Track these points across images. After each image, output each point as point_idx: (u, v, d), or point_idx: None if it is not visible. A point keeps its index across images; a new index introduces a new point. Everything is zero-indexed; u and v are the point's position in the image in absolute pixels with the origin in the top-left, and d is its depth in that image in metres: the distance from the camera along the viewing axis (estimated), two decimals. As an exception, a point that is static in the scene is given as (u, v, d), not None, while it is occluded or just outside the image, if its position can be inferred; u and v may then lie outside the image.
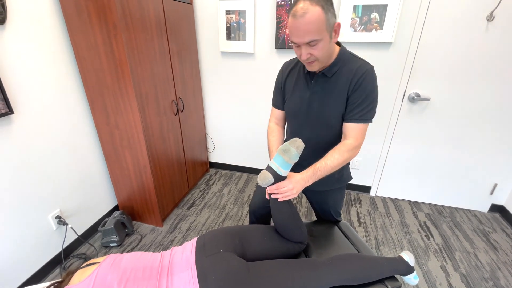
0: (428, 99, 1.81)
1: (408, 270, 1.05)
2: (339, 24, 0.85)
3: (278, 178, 0.91)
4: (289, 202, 1.01)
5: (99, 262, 0.87)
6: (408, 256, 1.08)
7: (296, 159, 0.89)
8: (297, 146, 0.88)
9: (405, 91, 1.86)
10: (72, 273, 0.87)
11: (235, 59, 2.13)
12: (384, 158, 2.13)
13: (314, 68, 0.92)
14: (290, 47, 1.91)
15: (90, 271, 0.84)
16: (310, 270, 0.93)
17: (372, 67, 0.92)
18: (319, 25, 0.80)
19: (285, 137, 1.22)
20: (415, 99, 1.83)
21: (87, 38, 1.38)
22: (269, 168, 0.92)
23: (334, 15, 0.83)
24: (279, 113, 1.17)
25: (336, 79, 0.94)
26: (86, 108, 1.63)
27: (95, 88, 1.51)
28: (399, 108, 1.92)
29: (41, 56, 1.34)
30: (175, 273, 0.87)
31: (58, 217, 1.51)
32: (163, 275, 0.87)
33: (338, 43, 0.97)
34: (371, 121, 0.96)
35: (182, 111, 2.00)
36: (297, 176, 0.93)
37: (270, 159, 1.09)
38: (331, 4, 0.82)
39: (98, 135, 1.69)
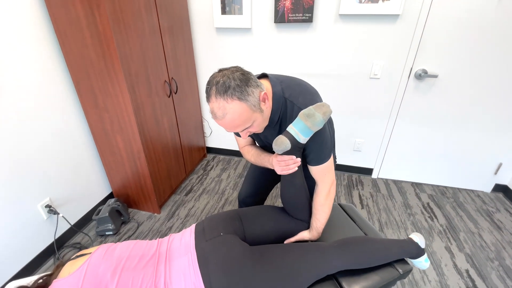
0: (436, 76, 1.72)
1: (418, 252, 1.01)
2: (265, 94, 0.76)
3: (296, 145, 0.80)
4: (301, 175, 0.95)
5: (90, 253, 0.80)
6: (418, 238, 1.04)
7: (320, 126, 0.77)
8: (324, 111, 0.75)
9: (411, 68, 1.76)
10: (62, 265, 0.81)
11: (231, 35, 1.99)
12: (387, 139, 2.06)
13: (258, 132, 0.87)
14: (290, 21, 1.77)
15: (81, 262, 0.77)
16: (317, 253, 0.88)
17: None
18: (245, 116, 0.72)
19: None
20: (422, 76, 1.74)
21: (67, 10, 1.24)
22: (286, 133, 0.80)
23: (256, 88, 0.73)
24: (243, 139, 1.11)
25: (281, 125, 0.88)
26: (72, 89, 1.51)
27: (80, 67, 1.39)
28: (404, 86, 1.82)
29: (16, 33, 1.21)
30: (174, 258, 0.82)
31: (48, 206, 1.43)
32: (161, 261, 0.81)
33: (266, 75, 0.87)
34: (327, 160, 0.89)
35: (175, 93, 1.89)
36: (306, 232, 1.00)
37: (263, 164, 1.01)
38: (246, 81, 0.71)
39: (86, 119, 1.58)
